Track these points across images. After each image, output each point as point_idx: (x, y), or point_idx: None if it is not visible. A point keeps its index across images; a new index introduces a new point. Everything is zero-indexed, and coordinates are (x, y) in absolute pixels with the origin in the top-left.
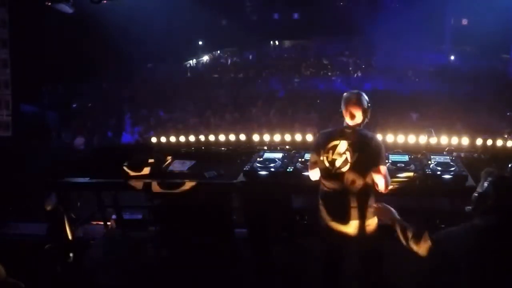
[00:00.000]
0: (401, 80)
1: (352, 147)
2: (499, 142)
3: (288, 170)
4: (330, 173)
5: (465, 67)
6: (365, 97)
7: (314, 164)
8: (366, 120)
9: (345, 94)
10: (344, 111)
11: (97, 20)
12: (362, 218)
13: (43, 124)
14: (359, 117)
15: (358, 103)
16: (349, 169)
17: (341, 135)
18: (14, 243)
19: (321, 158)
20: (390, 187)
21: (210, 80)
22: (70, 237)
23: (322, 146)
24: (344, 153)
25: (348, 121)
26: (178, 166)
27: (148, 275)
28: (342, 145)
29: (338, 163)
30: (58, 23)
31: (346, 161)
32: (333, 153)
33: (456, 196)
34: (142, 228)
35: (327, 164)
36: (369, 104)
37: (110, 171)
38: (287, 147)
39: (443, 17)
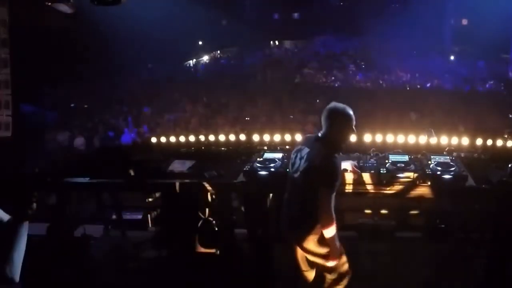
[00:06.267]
0: (400, 80)
1: (307, 157)
2: (499, 142)
3: (288, 170)
4: (288, 177)
5: (465, 67)
6: (340, 111)
7: None
8: (339, 135)
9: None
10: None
11: (97, 20)
12: (304, 231)
13: (43, 124)
14: (326, 128)
15: (327, 114)
16: (298, 177)
17: (307, 142)
18: None
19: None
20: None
21: (211, 80)
22: (70, 237)
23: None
24: (301, 159)
25: (320, 131)
26: (178, 166)
27: (148, 275)
28: (302, 151)
29: (293, 168)
30: (58, 23)
31: (298, 168)
32: (295, 157)
33: (456, 196)
34: (142, 228)
35: (288, 167)
36: (343, 118)
37: (110, 171)
38: (287, 147)
39: (443, 17)
